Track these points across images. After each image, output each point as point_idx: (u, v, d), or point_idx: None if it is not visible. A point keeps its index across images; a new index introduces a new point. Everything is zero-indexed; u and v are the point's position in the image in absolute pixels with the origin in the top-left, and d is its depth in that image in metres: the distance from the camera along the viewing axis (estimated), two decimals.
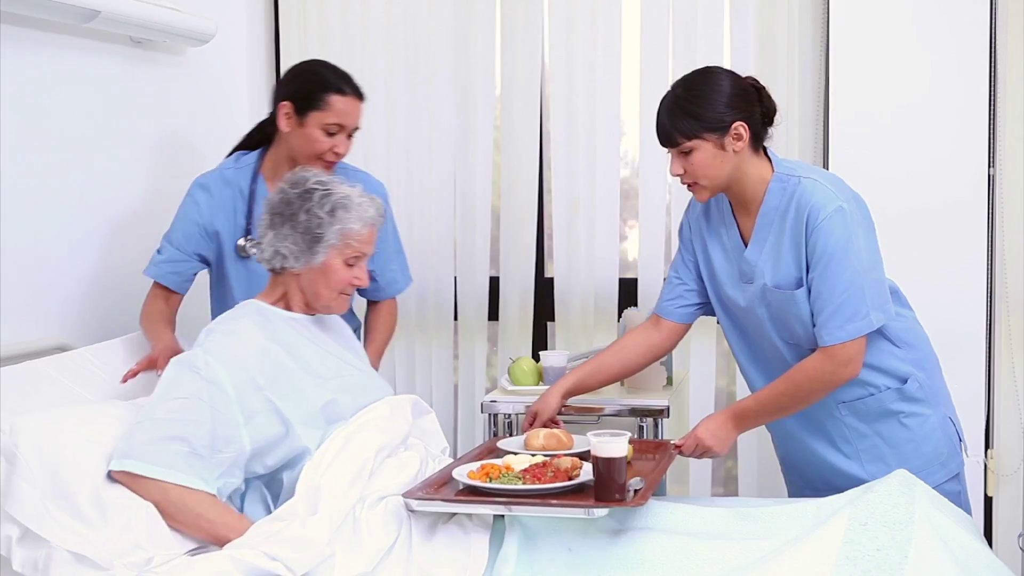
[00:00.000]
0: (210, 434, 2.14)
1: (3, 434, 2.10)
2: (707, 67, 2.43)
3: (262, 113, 3.74)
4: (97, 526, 2.03)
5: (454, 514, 2.18)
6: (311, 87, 2.70)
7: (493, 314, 3.68)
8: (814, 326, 2.35)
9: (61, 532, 2.01)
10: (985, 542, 2.21)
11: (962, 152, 3.28)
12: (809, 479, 2.57)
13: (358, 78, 3.61)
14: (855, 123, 3.14)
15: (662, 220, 3.53)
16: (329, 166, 2.71)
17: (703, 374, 3.53)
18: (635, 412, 2.87)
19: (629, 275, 3.63)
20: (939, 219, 3.28)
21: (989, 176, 3.29)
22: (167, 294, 2.80)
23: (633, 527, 2.15)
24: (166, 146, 3.24)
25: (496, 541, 2.12)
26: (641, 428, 2.93)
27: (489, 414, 2.99)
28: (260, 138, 2.87)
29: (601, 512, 2.08)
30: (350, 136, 2.73)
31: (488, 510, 2.13)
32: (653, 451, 2.51)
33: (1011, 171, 3.28)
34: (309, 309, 2.41)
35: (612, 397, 2.92)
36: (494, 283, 3.67)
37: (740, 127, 2.32)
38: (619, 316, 3.48)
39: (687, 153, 2.34)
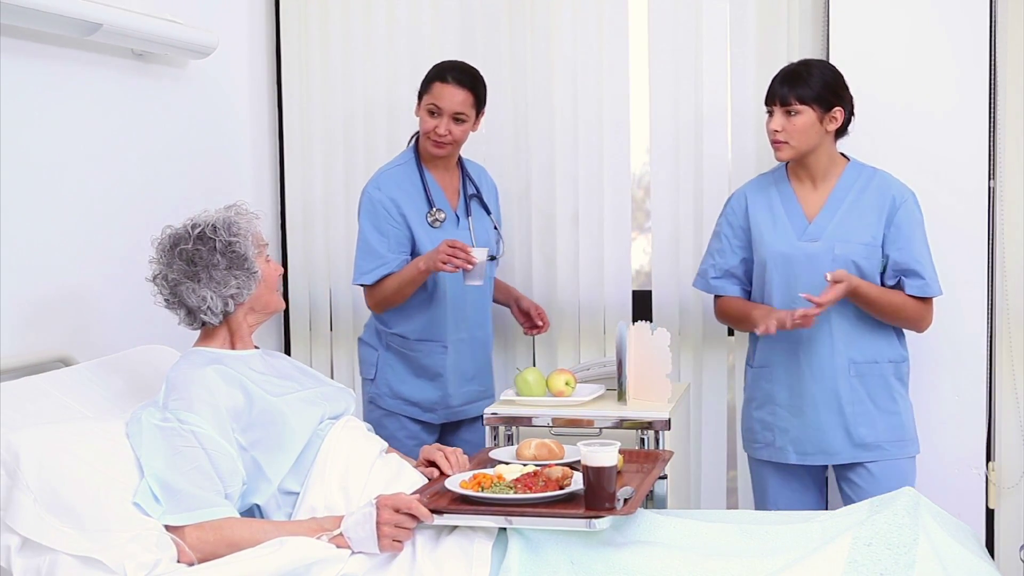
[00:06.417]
0: (217, 471, 2.19)
1: (2, 449, 2.11)
2: (825, 60, 3.01)
3: (263, 124, 3.79)
4: (101, 538, 2.04)
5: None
6: (426, 76, 3.11)
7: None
8: (897, 283, 2.87)
9: (65, 540, 2.03)
10: (989, 558, 2.22)
11: (963, 164, 3.28)
12: (803, 439, 2.92)
13: (359, 90, 3.67)
14: (854, 136, 3.14)
15: (671, 233, 3.52)
16: (440, 147, 3.09)
17: (715, 387, 3.53)
18: (636, 424, 2.86)
19: (633, 287, 3.62)
20: (940, 231, 3.26)
21: (989, 188, 3.29)
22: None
23: (636, 541, 2.16)
24: (168, 158, 3.24)
25: (499, 551, 2.13)
26: (643, 441, 2.91)
27: (491, 426, 2.97)
28: None
29: (603, 524, 2.08)
30: (457, 122, 3.06)
31: (489, 522, 2.14)
32: (643, 461, 2.53)
33: (1012, 184, 3.28)
34: (251, 333, 2.46)
35: (611, 409, 2.91)
36: None
37: (839, 111, 2.84)
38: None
39: (792, 115, 2.80)
